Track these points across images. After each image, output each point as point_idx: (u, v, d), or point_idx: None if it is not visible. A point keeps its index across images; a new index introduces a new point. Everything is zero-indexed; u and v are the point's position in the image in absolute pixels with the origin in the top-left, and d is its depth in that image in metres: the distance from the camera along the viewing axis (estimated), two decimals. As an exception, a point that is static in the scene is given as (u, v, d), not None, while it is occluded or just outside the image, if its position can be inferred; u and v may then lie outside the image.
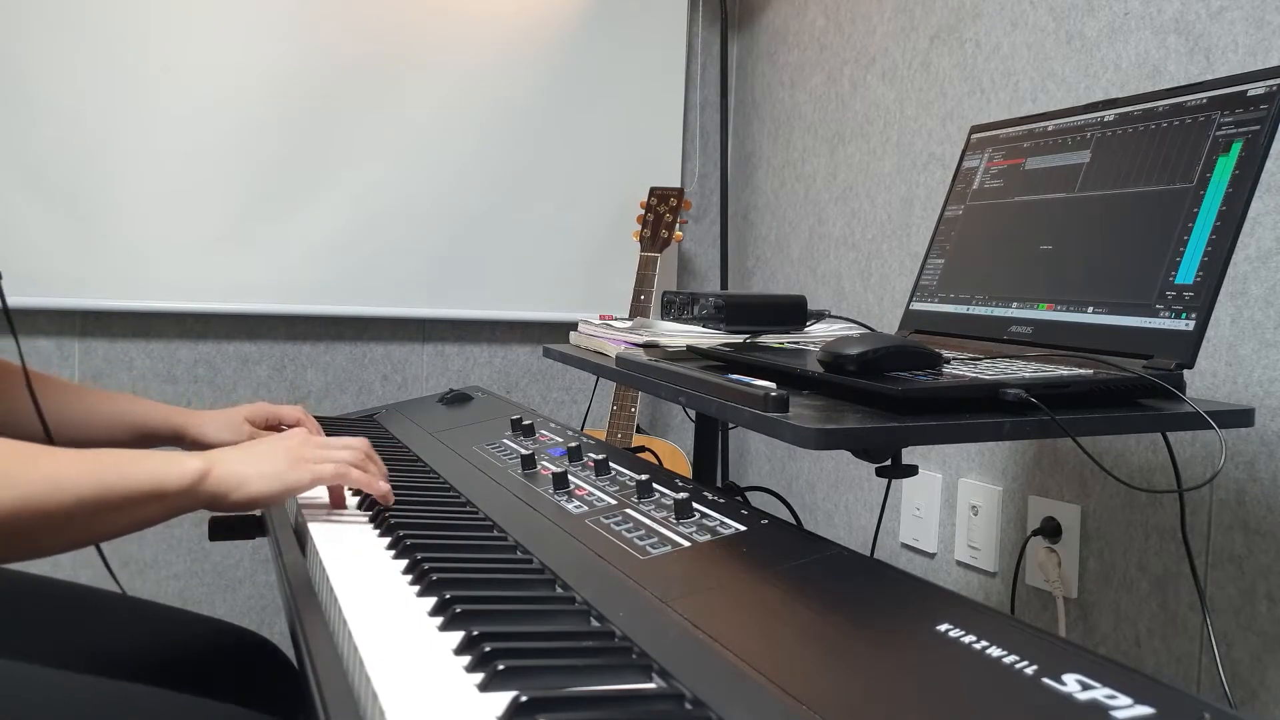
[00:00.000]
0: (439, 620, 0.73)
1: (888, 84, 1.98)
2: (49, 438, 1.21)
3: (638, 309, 2.17)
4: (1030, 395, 0.86)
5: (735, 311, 1.25)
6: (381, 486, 1.01)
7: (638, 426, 2.18)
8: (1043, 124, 1.20)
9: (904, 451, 0.93)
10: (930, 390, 0.87)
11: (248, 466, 0.94)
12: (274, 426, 1.43)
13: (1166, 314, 0.95)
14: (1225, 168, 0.95)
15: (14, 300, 1.23)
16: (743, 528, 0.86)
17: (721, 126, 2.52)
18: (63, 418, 1.24)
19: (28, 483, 0.81)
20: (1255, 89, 0.95)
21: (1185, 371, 0.93)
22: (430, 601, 0.76)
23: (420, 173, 2.29)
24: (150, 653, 1.07)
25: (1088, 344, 1.02)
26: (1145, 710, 0.51)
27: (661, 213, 2.28)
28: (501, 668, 0.62)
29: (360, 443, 1.04)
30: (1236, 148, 0.95)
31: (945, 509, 1.80)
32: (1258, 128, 0.94)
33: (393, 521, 0.97)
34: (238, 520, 1.26)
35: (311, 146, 2.20)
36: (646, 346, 1.21)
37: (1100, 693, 0.53)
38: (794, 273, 2.30)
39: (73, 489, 0.83)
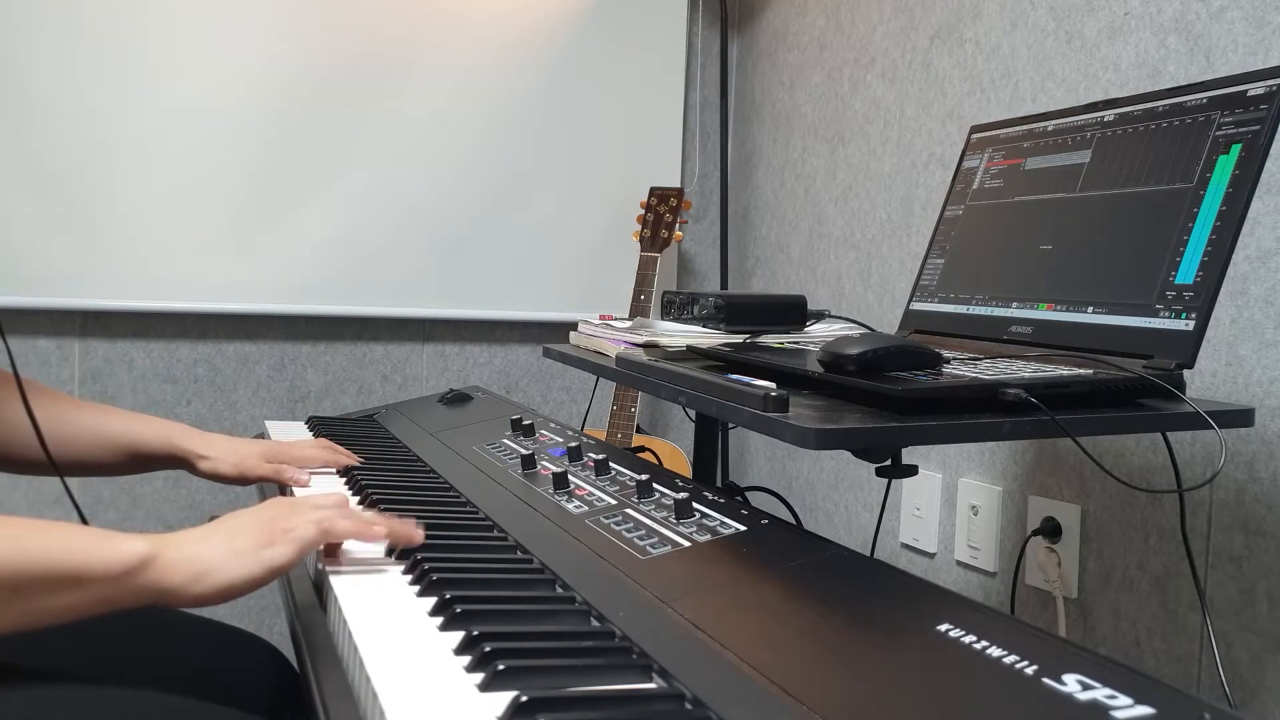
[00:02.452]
0: (439, 620, 0.73)
1: (888, 84, 1.98)
2: (46, 451, 1.10)
3: (638, 309, 2.17)
4: (1030, 395, 0.86)
5: (735, 311, 1.25)
6: (378, 531, 0.87)
7: (638, 426, 2.18)
8: (1043, 124, 1.20)
9: (904, 451, 0.93)
10: (930, 390, 0.87)
11: (213, 548, 0.78)
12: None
13: (1166, 314, 0.95)
14: (1225, 168, 0.95)
15: (14, 300, 1.20)
16: (743, 528, 0.86)
17: (721, 126, 2.52)
18: (48, 430, 1.09)
19: None
20: (1255, 89, 0.95)
21: (1185, 371, 0.93)
22: (430, 601, 0.76)
23: (420, 173, 2.29)
24: (152, 656, 1.07)
25: (1088, 344, 1.02)
26: (1145, 710, 0.51)
27: (661, 213, 2.28)
28: (501, 668, 0.62)
29: (334, 499, 0.90)
30: (1236, 148, 0.95)
31: (945, 509, 1.80)
32: (1258, 128, 0.94)
33: (393, 521, 0.97)
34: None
35: (312, 146, 2.20)
36: (646, 346, 1.21)
37: (1100, 693, 0.53)
38: (794, 273, 2.30)
39: None
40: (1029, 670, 0.56)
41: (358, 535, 0.86)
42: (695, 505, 0.92)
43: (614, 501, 0.99)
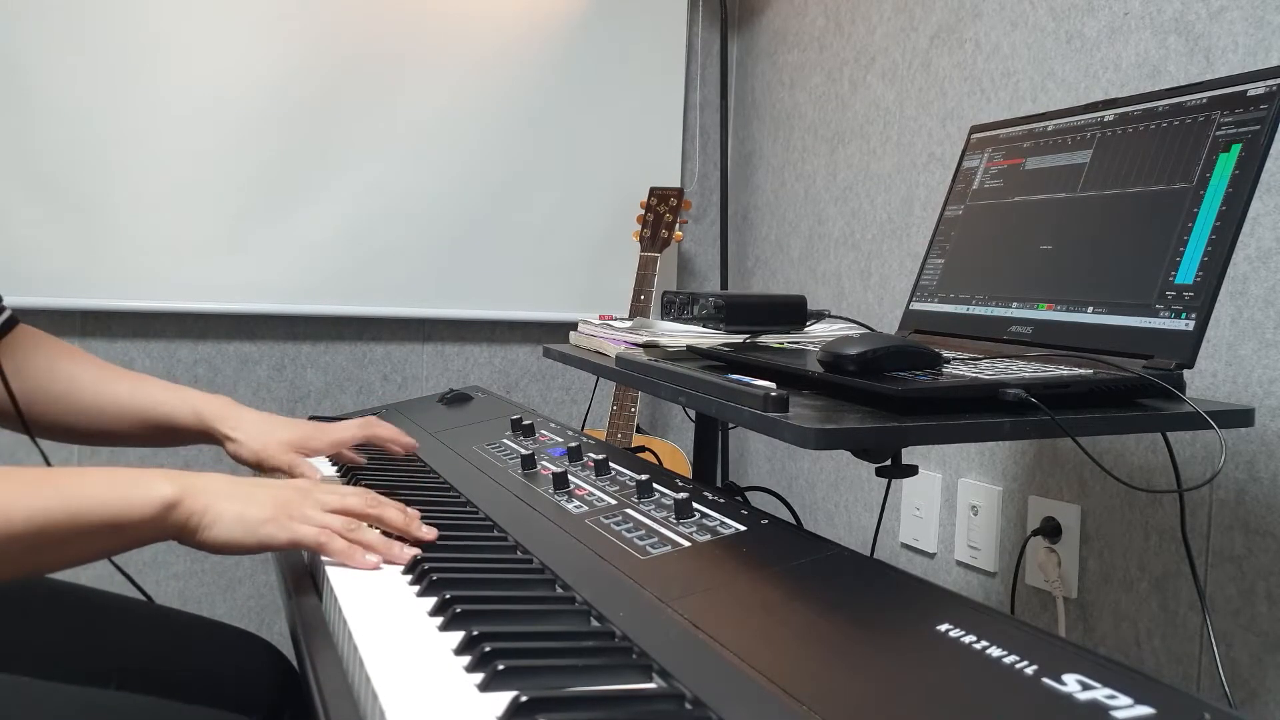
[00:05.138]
0: (439, 620, 0.73)
1: (888, 84, 1.98)
2: (21, 419, 1.11)
3: (638, 309, 2.17)
4: (1030, 395, 0.86)
5: (735, 311, 1.25)
6: (367, 561, 0.85)
7: (638, 426, 2.18)
8: (1043, 124, 1.20)
9: (904, 451, 0.93)
10: (930, 390, 0.87)
11: (228, 504, 0.84)
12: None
13: (1166, 314, 0.95)
14: (1225, 168, 0.95)
15: (14, 300, 1.21)
16: (743, 528, 0.86)
17: (721, 126, 2.52)
18: (73, 401, 1.12)
19: None
20: (1255, 89, 0.95)
21: (1185, 371, 0.93)
22: (430, 601, 0.76)
23: (420, 172, 2.29)
24: (151, 657, 1.07)
25: (1088, 344, 1.02)
26: (1145, 710, 0.51)
27: (661, 213, 2.28)
28: (501, 668, 0.62)
29: (362, 501, 0.91)
30: (1236, 148, 0.95)
31: (945, 509, 1.80)
32: (1258, 128, 0.94)
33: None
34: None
35: (312, 146, 2.20)
36: (646, 346, 1.21)
37: (1100, 693, 0.53)
38: (794, 273, 2.30)
39: (9, 522, 0.73)
40: (1029, 670, 0.56)
41: (345, 561, 0.85)
42: (695, 505, 0.92)
43: (614, 501, 0.99)
